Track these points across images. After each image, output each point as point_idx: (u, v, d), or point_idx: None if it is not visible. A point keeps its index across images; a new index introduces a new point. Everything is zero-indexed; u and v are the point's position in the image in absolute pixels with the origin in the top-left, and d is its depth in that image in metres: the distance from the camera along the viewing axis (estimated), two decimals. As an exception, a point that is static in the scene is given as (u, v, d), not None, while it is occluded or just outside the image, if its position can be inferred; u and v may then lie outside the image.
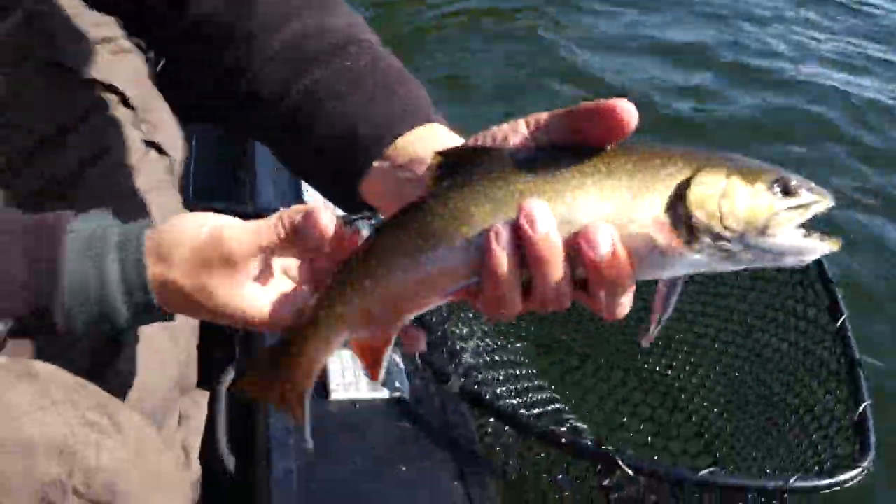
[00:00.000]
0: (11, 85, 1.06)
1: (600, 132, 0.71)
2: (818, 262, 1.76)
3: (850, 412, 1.42)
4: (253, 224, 0.76)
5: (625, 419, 2.01)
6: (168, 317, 0.80)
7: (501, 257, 0.69)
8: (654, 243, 0.70)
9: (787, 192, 0.70)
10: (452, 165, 0.74)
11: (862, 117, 4.06)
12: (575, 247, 0.69)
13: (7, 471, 0.83)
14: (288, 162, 1.01)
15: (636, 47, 4.64)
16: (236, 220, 0.77)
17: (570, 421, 1.77)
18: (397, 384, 1.58)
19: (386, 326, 0.76)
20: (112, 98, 1.14)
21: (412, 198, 0.76)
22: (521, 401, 1.78)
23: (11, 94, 1.05)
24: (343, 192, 0.92)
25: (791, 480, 1.26)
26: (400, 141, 0.87)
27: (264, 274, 0.78)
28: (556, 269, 0.70)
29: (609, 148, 0.72)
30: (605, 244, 0.68)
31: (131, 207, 1.10)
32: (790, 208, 0.70)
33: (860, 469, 1.29)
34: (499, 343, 1.97)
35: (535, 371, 2.01)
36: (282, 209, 0.76)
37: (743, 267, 0.73)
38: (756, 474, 1.59)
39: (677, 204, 0.69)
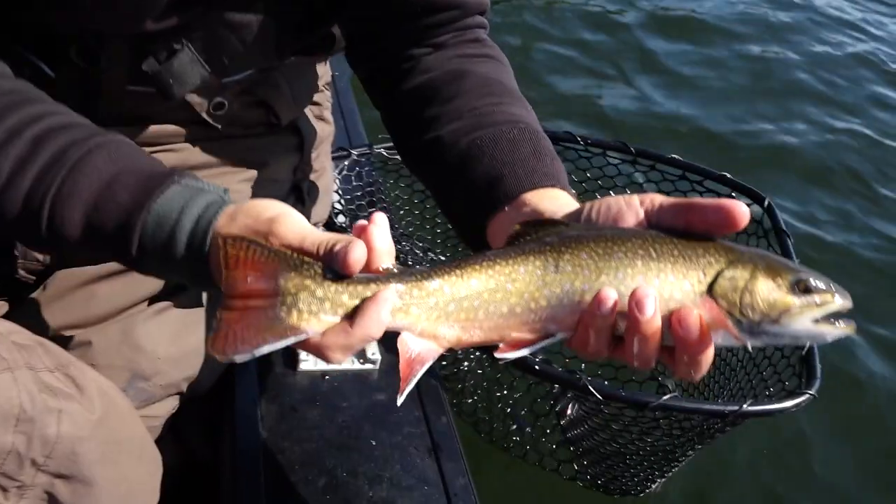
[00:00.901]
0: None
1: (711, 226, 0.81)
2: (772, 214, 1.86)
3: (799, 349, 1.53)
4: (308, 228, 0.84)
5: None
6: (208, 285, 0.88)
7: (601, 322, 0.80)
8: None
9: (806, 290, 0.80)
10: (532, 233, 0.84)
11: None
12: (668, 325, 0.80)
13: None
14: (436, 194, 1.19)
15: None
16: (298, 217, 0.85)
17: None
18: (369, 356, 1.55)
19: (440, 347, 0.82)
20: (293, 140, 1.46)
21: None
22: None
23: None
24: (472, 227, 1.07)
25: (745, 405, 1.36)
26: (530, 194, 0.99)
27: None
28: (653, 341, 0.80)
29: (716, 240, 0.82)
30: (695, 327, 0.78)
31: None
32: (806, 305, 0.80)
33: (808, 396, 1.40)
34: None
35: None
36: (337, 236, 0.82)
37: (764, 344, 0.84)
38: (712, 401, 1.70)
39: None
